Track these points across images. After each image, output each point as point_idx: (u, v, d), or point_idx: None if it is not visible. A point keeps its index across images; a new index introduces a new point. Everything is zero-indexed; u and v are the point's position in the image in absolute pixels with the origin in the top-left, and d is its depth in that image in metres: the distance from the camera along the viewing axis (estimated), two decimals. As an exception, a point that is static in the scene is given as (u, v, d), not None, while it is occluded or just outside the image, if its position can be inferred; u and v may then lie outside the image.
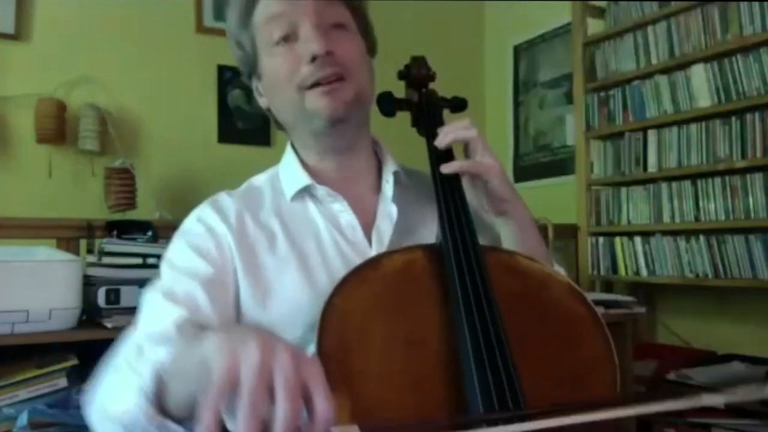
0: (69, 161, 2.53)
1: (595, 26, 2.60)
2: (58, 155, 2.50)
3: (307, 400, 0.53)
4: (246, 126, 2.89)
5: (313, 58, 0.83)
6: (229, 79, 2.86)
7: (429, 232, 0.87)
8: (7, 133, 2.47)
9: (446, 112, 1.02)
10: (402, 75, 1.01)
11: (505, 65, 3.36)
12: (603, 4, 2.61)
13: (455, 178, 0.88)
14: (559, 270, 0.93)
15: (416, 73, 1.02)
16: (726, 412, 1.86)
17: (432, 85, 1.03)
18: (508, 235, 0.91)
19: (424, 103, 0.99)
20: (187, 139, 2.74)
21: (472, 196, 0.88)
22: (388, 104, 0.97)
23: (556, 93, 3.09)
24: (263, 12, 0.87)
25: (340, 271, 0.79)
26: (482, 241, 0.81)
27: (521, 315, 0.74)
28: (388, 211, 0.92)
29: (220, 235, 0.86)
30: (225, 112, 2.86)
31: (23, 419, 1.38)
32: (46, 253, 1.55)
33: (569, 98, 2.91)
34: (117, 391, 0.69)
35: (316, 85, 0.84)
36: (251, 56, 0.91)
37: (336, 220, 0.90)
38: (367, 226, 0.90)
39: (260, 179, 0.97)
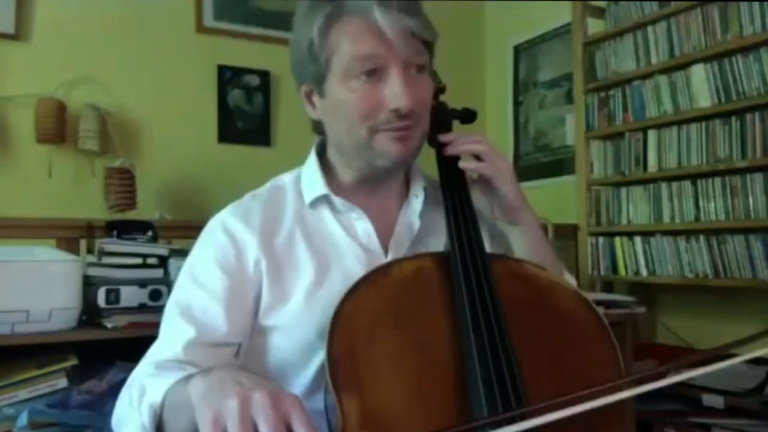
0: (69, 161, 2.53)
1: (595, 26, 2.60)
2: (58, 155, 2.50)
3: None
4: (246, 126, 2.89)
5: (396, 110, 0.82)
6: (229, 79, 2.86)
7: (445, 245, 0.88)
8: (7, 133, 2.47)
9: (456, 123, 1.02)
10: None
11: (505, 65, 3.35)
12: (603, 4, 2.61)
13: (464, 187, 0.89)
14: (570, 279, 0.94)
15: None
16: (726, 412, 1.86)
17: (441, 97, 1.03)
18: (518, 244, 0.92)
19: (434, 114, 0.99)
20: (187, 139, 2.74)
21: (484, 204, 0.90)
22: None
23: (556, 93, 3.09)
24: (353, 47, 0.81)
25: (355, 277, 0.80)
26: (494, 250, 0.83)
27: (528, 322, 0.75)
28: (409, 223, 0.93)
29: (243, 245, 0.87)
30: (225, 112, 2.86)
31: (23, 419, 1.38)
32: (46, 253, 1.54)
33: (569, 98, 2.91)
34: (126, 424, 0.76)
35: (389, 129, 0.84)
36: (320, 71, 0.85)
37: (352, 227, 0.91)
38: (385, 234, 0.91)
39: (284, 179, 0.98)
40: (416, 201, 0.94)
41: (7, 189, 2.42)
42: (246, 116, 2.90)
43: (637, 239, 2.37)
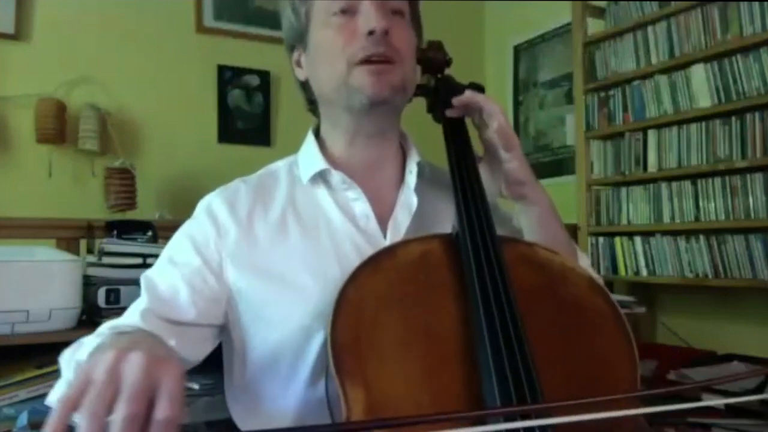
0: (69, 161, 2.53)
1: (595, 26, 2.60)
2: (58, 155, 2.50)
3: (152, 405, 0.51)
4: (246, 126, 2.89)
5: (370, 33, 0.83)
6: (229, 79, 2.86)
7: (445, 228, 0.84)
8: (7, 133, 2.47)
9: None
10: (418, 59, 0.97)
11: (505, 65, 3.35)
12: (603, 4, 2.60)
13: (473, 165, 0.86)
14: (584, 260, 0.91)
15: (433, 57, 0.99)
16: (726, 412, 1.86)
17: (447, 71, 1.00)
18: (527, 222, 0.90)
19: (440, 88, 0.97)
20: (187, 139, 2.74)
21: (489, 180, 0.87)
22: None
23: (556, 93, 3.09)
24: None
25: (352, 260, 0.78)
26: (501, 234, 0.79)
27: (539, 309, 0.72)
28: (408, 202, 0.91)
29: (224, 231, 0.87)
30: (225, 112, 2.86)
31: (23, 419, 1.38)
32: (46, 253, 1.54)
33: (569, 98, 2.91)
34: (57, 384, 0.78)
35: (365, 62, 0.84)
36: (302, 25, 0.90)
37: (349, 208, 0.89)
38: (383, 217, 0.89)
39: (278, 165, 0.97)
40: (410, 177, 0.92)
41: (7, 189, 2.42)
42: (246, 116, 2.90)
43: (637, 239, 2.37)
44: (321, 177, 0.90)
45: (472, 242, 0.75)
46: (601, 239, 2.51)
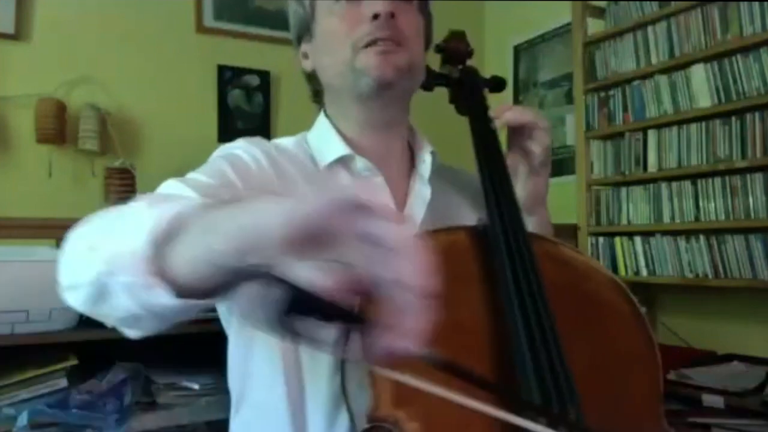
0: (69, 161, 2.53)
1: (595, 26, 2.60)
2: (58, 155, 2.50)
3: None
4: (246, 126, 2.89)
5: (375, 16, 0.82)
6: (229, 79, 2.86)
7: (459, 221, 0.84)
8: (7, 133, 2.47)
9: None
10: (439, 49, 0.95)
11: (505, 65, 3.35)
12: (603, 4, 2.60)
13: (502, 158, 0.85)
14: None
15: (456, 48, 0.97)
16: (726, 412, 1.86)
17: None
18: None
19: (464, 80, 0.94)
20: (187, 139, 2.74)
21: None
22: (425, 77, 0.92)
23: (556, 93, 3.09)
24: None
25: None
26: None
27: (564, 305, 0.72)
28: (422, 193, 0.90)
29: (263, 168, 0.84)
30: (225, 112, 2.86)
31: (23, 419, 1.38)
32: (46, 253, 1.54)
33: (569, 98, 2.91)
34: (116, 231, 0.57)
35: (371, 44, 0.83)
36: (307, 15, 0.90)
37: (372, 195, 0.86)
38: (398, 206, 0.88)
39: (286, 142, 0.94)
40: (424, 167, 0.92)
41: (7, 189, 2.42)
42: (246, 116, 2.90)
43: (637, 239, 2.37)
44: (341, 162, 0.89)
45: (504, 234, 0.74)
46: (601, 239, 2.51)
